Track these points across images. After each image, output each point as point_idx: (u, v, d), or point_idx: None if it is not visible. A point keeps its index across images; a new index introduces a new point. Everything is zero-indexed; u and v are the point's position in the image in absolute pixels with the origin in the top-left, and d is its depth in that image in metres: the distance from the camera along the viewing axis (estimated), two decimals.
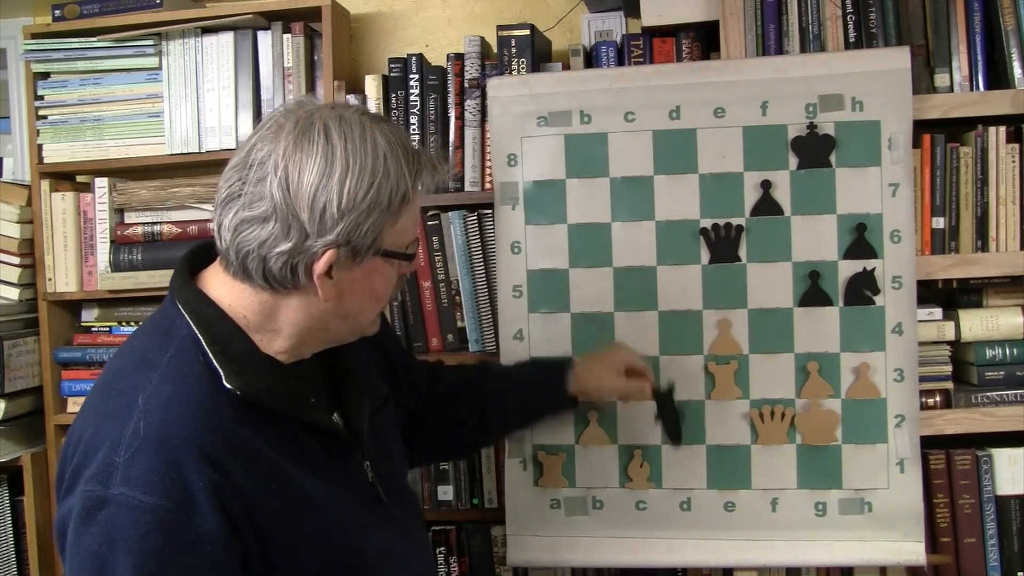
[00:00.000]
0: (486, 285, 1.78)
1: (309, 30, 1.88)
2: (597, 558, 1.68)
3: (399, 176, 0.96)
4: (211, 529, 0.90)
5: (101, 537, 0.88)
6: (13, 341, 1.88)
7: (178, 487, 0.89)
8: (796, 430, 1.61)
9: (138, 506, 0.88)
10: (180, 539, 0.89)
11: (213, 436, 0.92)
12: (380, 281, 1.01)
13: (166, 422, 0.91)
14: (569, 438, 1.67)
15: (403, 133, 1.01)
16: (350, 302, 1.00)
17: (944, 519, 1.63)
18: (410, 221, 1.01)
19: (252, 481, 0.94)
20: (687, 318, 1.63)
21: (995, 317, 1.63)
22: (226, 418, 0.94)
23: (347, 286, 0.98)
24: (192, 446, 0.91)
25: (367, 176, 0.94)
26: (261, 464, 0.96)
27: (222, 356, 0.96)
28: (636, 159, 1.63)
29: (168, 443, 0.90)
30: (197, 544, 0.89)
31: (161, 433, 0.90)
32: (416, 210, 1.02)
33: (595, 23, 1.89)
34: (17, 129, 2.13)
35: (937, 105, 1.61)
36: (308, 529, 0.99)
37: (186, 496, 0.89)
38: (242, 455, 0.94)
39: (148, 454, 0.89)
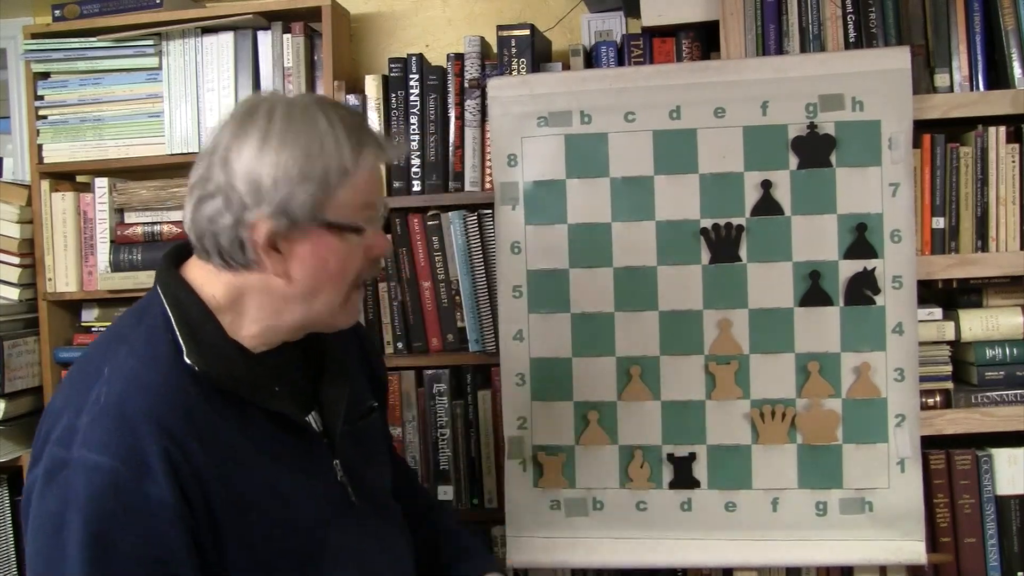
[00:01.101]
0: (486, 285, 1.78)
1: (309, 30, 1.88)
2: (597, 559, 1.68)
3: (337, 149, 0.99)
4: (161, 495, 0.92)
5: (59, 498, 0.92)
6: (13, 341, 1.88)
7: (133, 451, 0.92)
8: (797, 430, 1.61)
9: (93, 466, 0.91)
10: (130, 502, 0.92)
11: (171, 409, 0.96)
12: (332, 257, 1.01)
13: (126, 391, 0.95)
14: (569, 438, 1.67)
15: (357, 115, 1.05)
16: (302, 278, 1.01)
17: (944, 519, 1.63)
18: (355, 195, 1.01)
19: (208, 458, 0.96)
20: (687, 318, 1.63)
21: (995, 317, 1.63)
22: (188, 395, 0.97)
23: (297, 261, 1.00)
24: (149, 415, 0.94)
25: (300, 149, 0.97)
26: (220, 444, 0.98)
27: (188, 335, 1.00)
28: (636, 159, 1.63)
29: (126, 410, 0.94)
30: (147, 508, 0.92)
31: (120, 400, 0.95)
32: (366, 186, 1.02)
33: (595, 23, 1.89)
34: (17, 129, 2.13)
35: (937, 105, 1.61)
36: (263, 514, 1.00)
37: (139, 460, 0.92)
38: (200, 432, 0.96)
39: (107, 419, 0.94)
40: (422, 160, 1.82)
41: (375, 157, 1.03)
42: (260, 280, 1.02)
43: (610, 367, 1.65)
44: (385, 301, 1.83)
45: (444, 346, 1.83)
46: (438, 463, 1.84)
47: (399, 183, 1.82)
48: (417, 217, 1.80)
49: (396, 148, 1.10)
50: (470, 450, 1.84)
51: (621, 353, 1.65)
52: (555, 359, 1.67)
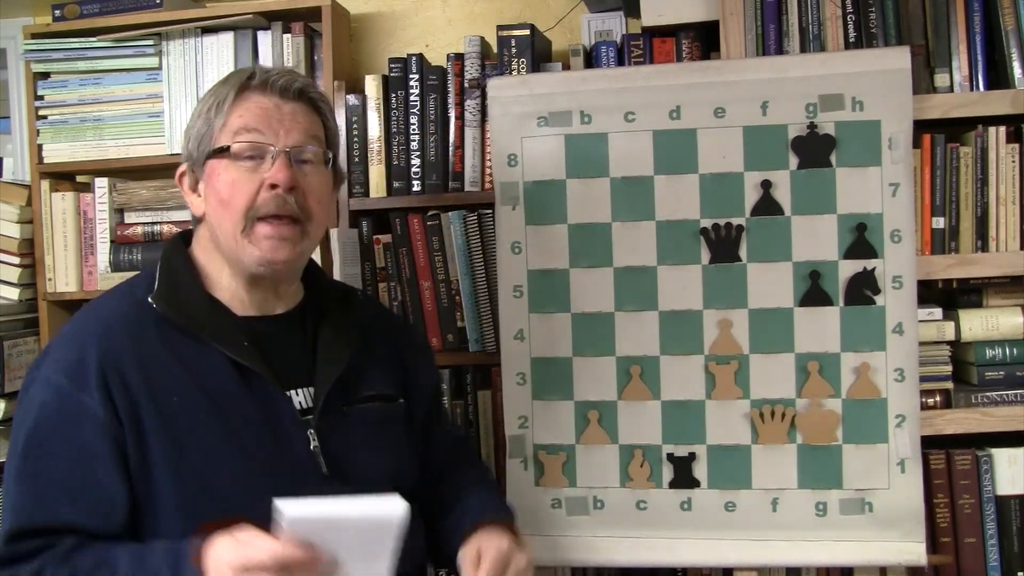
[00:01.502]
0: (486, 285, 1.78)
1: (309, 30, 1.88)
2: (597, 557, 1.68)
3: (218, 89, 1.15)
4: (92, 404, 1.06)
5: (24, 408, 1.10)
6: (13, 341, 1.88)
7: (77, 368, 1.07)
8: (796, 430, 1.61)
9: (46, 380, 1.09)
10: (67, 409, 1.07)
11: (118, 335, 1.10)
12: (220, 183, 1.12)
13: (86, 321, 1.14)
14: (570, 438, 1.67)
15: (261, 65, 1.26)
16: (210, 212, 1.14)
17: (944, 519, 1.63)
18: (232, 121, 1.13)
19: (146, 383, 1.08)
20: (687, 318, 1.63)
21: (995, 317, 1.63)
22: (144, 329, 1.11)
23: (205, 198, 1.15)
24: (97, 338, 1.09)
25: (200, 104, 1.17)
26: (166, 375, 1.09)
27: (165, 282, 1.14)
28: (636, 159, 1.63)
29: (81, 336, 1.11)
30: (80, 416, 1.06)
31: (79, 328, 1.13)
32: (238, 111, 1.13)
33: (595, 23, 1.89)
34: (17, 129, 2.13)
35: (937, 105, 1.61)
36: (196, 448, 1.08)
37: (80, 374, 1.07)
38: (144, 360, 1.09)
39: (66, 342, 1.11)
40: (422, 160, 1.82)
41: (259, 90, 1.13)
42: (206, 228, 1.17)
43: (610, 367, 1.65)
44: (385, 301, 1.83)
45: (444, 346, 1.82)
46: None
47: (399, 183, 1.82)
48: (417, 217, 1.80)
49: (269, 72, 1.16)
50: None
51: (621, 353, 1.65)
52: (555, 359, 1.67)
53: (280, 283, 1.20)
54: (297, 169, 1.13)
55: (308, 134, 1.15)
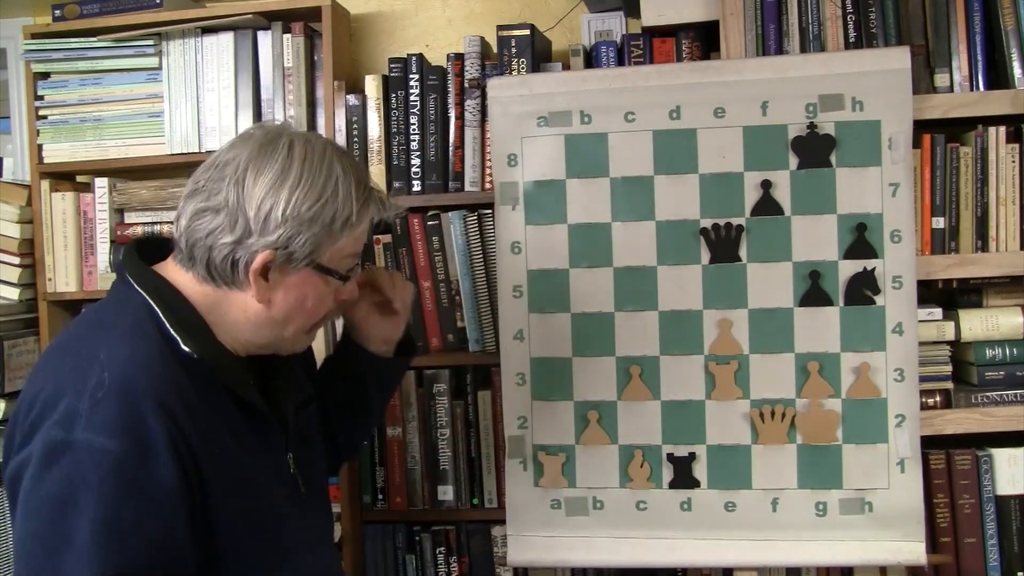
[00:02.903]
0: (486, 285, 1.78)
1: (309, 30, 1.88)
2: (597, 558, 1.68)
3: (347, 200, 1.04)
4: (167, 476, 0.94)
5: (62, 480, 0.92)
6: (13, 341, 1.88)
7: (138, 433, 0.93)
8: (796, 430, 1.61)
9: (100, 449, 0.92)
10: (138, 483, 0.93)
11: (170, 390, 0.97)
12: (312, 295, 1.07)
13: (127, 374, 0.96)
14: (569, 438, 1.67)
15: (363, 169, 1.10)
16: (280, 308, 1.06)
17: (944, 519, 1.63)
18: (351, 245, 1.08)
19: (200, 439, 0.98)
20: (687, 318, 1.63)
21: (995, 317, 1.63)
22: (180, 378, 0.99)
23: (280, 292, 1.05)
24: (151, 396, 0.95)
25: (316, 192, 1.02)
26: (206, 427, 1.00)
27: (178, 325, 1.02)
28: (636, 159, 1.63)
29: (130, 392, 0.95)
30: (153, 489, 0.94)
31: (124, 383, 0.95)
32: (359, 238, 1.09)
33: (595, 23, 1.89)
34: (17, 129, 2.13)
35: (937, 105, 1.61)
36: (241, 498, 1.03)
37: (145, 442, 0.94)
38: (192, 413, 0.99)
39: (111, 402, 0.94)
40: (422, 160, 1.82)
41: (376, 212, 1.09)
42: (239, 299, 1.05)
43: (610, 367, 1.65)
44: None
45: (444, 346, 1.82)
46: (438, 463, 1.84)
47: (399, 183, 1.82)
48: (417, 217, 1.80)
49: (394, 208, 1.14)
50: (470, 450, 1.84)
51: (621, 353, 1.65)
52: (555, 359, 1.67)
53: None
54: None
55: None
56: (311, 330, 1.12)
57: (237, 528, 1.03)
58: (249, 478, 1.05)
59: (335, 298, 1.10)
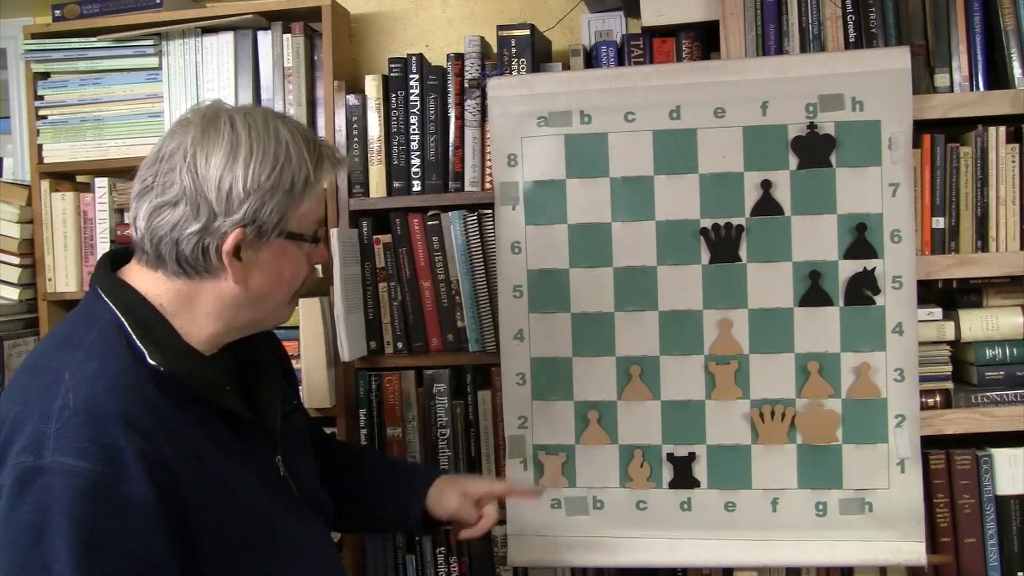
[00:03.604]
0: (486, 285, 1.78)
1: (309, 30, 1.88)
2: (597, 558, 1.68)
3: (300, 161, 1.02)
4: (141, 493, 0.92)
5: (35, 506, 0.90)
6: (13, 341, 1.88)
7: (109, 453, 0.92)
8: (796, 430, 1.62)
9: (71, 471, 0.90)
10: (112, 503, 0.91)
11: (138, 407, 0.96)
12: (287, 264, 1.06)
13: (93, 393, 0.94)
14: (569, 438, 1.68)
15: (306, 128, 1.08)
16: (259, 285, 1.04)
17: (944, 519, 1.63)
18: (314, 205, 1.06)
19: (175, 453, 0.97)
20: (687, 318, 1.63)
21: (995, 317, 1.63)
22: (149, 393, 0.97)
23: (255, 268, 1.03)
24: (119, 415, 0.94)
25: (270, 160, 1.00)
26: (182, 439, 0.98)
27: (144, 338, 1.00)
28: (636, 159, 1.63)
29: (97, 412, 0.93)
30: (128, 507, 0.92)
31: (89, 404, 0.93)
32: (320, 196, 1.07)
33: (595, 23, 1.89)
34: (17, 129, 2.13)
35: (937, 105, 1.61)
36: (224, 508, 1.01)
37: (116, 461, 0.92)
38: (165, 428, 0.97)
39: (78, 423, 0.92)
40: (422, 160, 1.82)
41: (332, 168, 1.08)
42: (213, 286, 1.03)
43: (610, 367, 1.65)
44: (385, 301, 1.83)
45: (444, 346, 1.82)
46: (438, 463, 1.84)
47: (399, 183, 1.82)
48: (417, 217, 1.80)
49: (345, 160, 1.15)
50: (470, 450, 1.84)
51: (621, 353, 1.65)
52: (555, 359, 1.67)
53: None
54: None
55: None
56: (292, 300, 1.11)
57: (225, 537, 1.01)
58: (235, 486, 1.04)
59: (309, 263, 1.10)
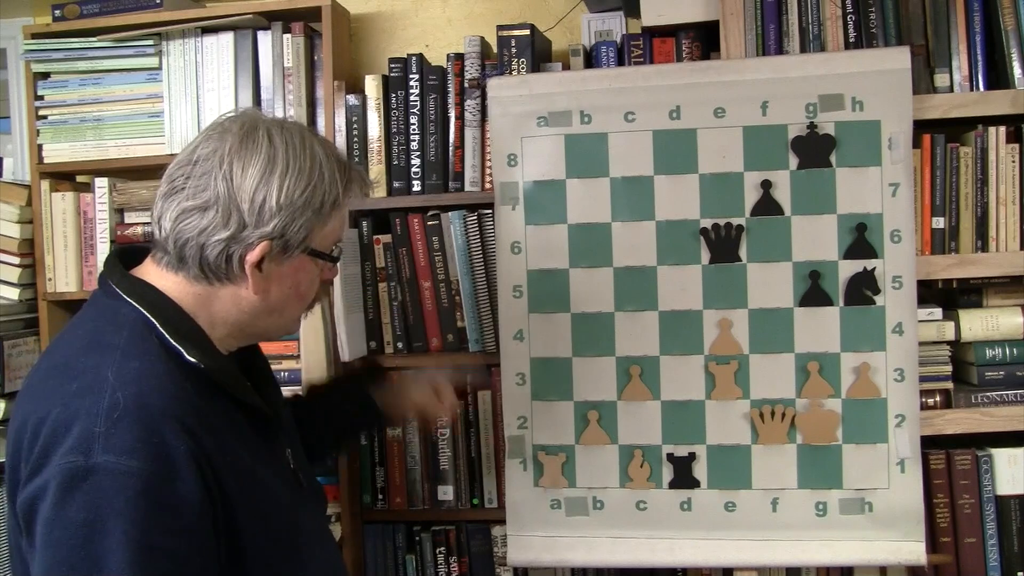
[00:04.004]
0: (486, 285, 1.78)
1: (309, 30, 1.88)
2: (597, 558, 1.68)
3: (332, 182, 1.04)
4: (191, 492, 0.93)
5: (87, 506, 0.90)
6: (13, 341, 1.88)
7: (160, 452, 0.92)
8: (796, 430, 1.61)
9: (124, 471, 0.90)
10: (165, 502, 0.92)
11: (184, 406, 0.96)
12: (305, 279, 1.07)
13: (142, 392, 0.94)
14: (569, 438, 1.67)
15: (337, 148, 1.10)
16: (276, 297, 1.06)
17: (944, 519, 1.63)
18: (338, 225, 1.08)
19: (217, 451, 0.98)
20: (687, 318, 1.63)
21: (995, 317, 1.63)
22: (190, 391, 0.99)
23: (275, 281, 1.05)
24: (169, 414, 0.94)
25: (304, 177, 1.02)
26: (218, 435, 1.00)
27: (176, 335, 1.01)
28: (636, 159, 1.63)
29: (147, 411, 0.93)
30: (179, 507, 0.93)
31: (139, 402, 0.94)
32: (344, 216, 1.10)
33: (595, 23, 1.89)
34: (17, 129, 2.13)
35: (937, 105, 1.61)
36: (256, 501, 1.03)
37: (168, 460, 0.93)
38: (207, 426, 0.98)
39: (129, 422, 0.92)
40: (422, 160, 1.82)
41: (359, 190, 1.09)
42: (231, 293, 1.04)
43: (610, 367, 1.65)
44: (385, 301, 1.83)
45: (444, 346, 1.82)
46: (438, 463, 1.84)
47: (399, 183, 1.82)
48: (417, 217, 1.80)
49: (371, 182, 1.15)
50: (470, 450, 1.84)
51: (621, 353, 1.65)
52: (555, 359, 1.67)
53: None
54: None
55: None
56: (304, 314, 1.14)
57: (257, 533, 1.02)
58: (261, 481, 1.05)
59: (322, 278, 1.11)
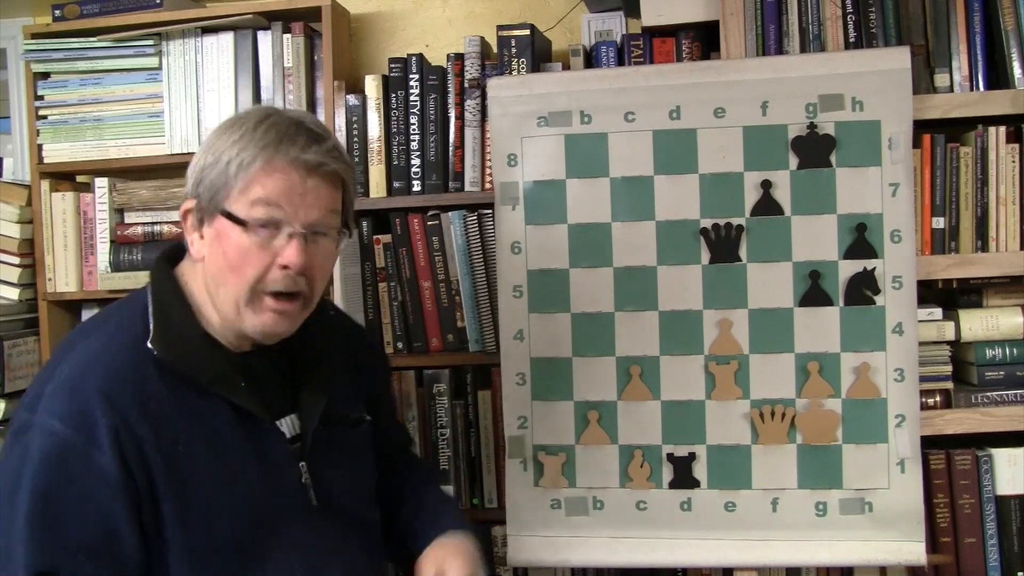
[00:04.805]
0: (486, 285, 1.78)
1: (309, 30, 1.88)
2: (597, 558, 1.68)
3: (247, 145, 1.06)
4: (106, 464, 1.00)
5: (18, 457, 1.02)
6: (13, 341, 1.88)
7: (85, 422, 1.01)
8: (796, 430, 1.61)
9: (50, 431, 1.01)
10: (78, 467, 1.00)
11: (122, 386, 1.04)
12: (230, 247, 1.07)
13: (86, 368, 1.05)
14: (569, 438, 1.67)
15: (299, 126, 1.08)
16: (212, 264, 1.09)
17: (944, 519, 1.63)
18: (252, 190, 1.05)
19: (154, 436, 1.03)
20: (687, 318, 1.63)
21: (995, 317, 1.63)
22: (146, 375, 1.05)
23: (207, 244, 1.09)
24: (101, 392, 1.02)
25: (221, 142, 1.08)
26: (170, 425, 1.05)
27: (160, 322, 1.08)
28: (636, 159, 1.63)
29: (82, 385, 1.03)
30: (92, 475, 1.00)
31: (78, 375, 1.04)
32: (260, 181, 1.05)
33: (595, 23, 1.89)
34: (17, 129, 2.13)
35: (937, 105, 1.61)
36: (206, 499, 1.06)
37: (90, 431, 1.01)
38: (150, 412, 1.04)
39: (65, 391, 1.03)
40: (422, 160, 1.82)
41: (286, 161, 1.05)
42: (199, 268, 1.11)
43: (610, 367, 1.65)
44: (385, 301, 1.83)
45: (444, 346, 1.82)
46: (438, 463, 1.84)
47: (399, 183, 1.82)
48: (417, 217, 1.80)
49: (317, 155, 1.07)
50: (470, 450, 1.84)
51: (621, 353, 1.65)
52: (555, 359, 1.67)
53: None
54: (311, 244, 1.08)
55: (327, 209, 1.10)
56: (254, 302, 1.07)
57: (193, 526, 1.04)
58: (221, 478, 1.06)
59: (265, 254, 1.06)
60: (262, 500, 1.09)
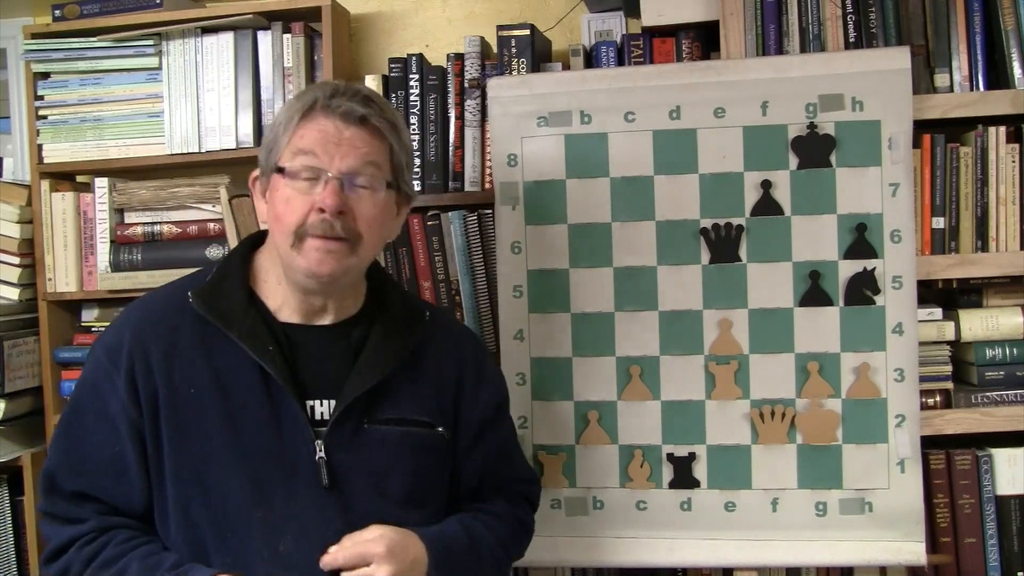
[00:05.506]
0: (486, 285, 1.78)
1: (309, 30, 1.88)
2: (597, 558, 1.68)
3: (291, 106, 1.18)
4: (120, 387, 1.16)
5: (80, 379, 1.23)
6: (13, 341, 1.88)
7: (114, 350, 1.18)
8: (796, 430, 1.62)
9: (94, 355, 1.20)
10: (103, 387, 1.17)
11: (153, 325, 1.18)
12: (278, 199, 1.16)
13: (134, 307, 1.23)
14: (569, 438, 1.68)
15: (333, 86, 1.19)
16: (269, 220, 1.19)
17: (944, 519, 1.63)
18: (293, 142, 1.15)
19: (167, 370, 1.16)
20: (687, 318, 1.63)
21: (995, 317, 1.63)
22: (182, 322, 1.18)
23: (268, 205, 1.19)
24: (133, 325, 1.19)
25: (279, 116, 1.20)
26: (189, 367, 1.16)
27: (214, 278, 1.21)
28: (636, 159, 1.63)
29: (125, 321, 1.21)
30: (111, 395, 1.16)
31: (127, 312, 1.23)
32: (300, 132, 1.15)
33: (595, 23, 1.89)
34: (17, 129, 2.13)
35: (937, 105, 1.61)
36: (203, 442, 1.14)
37: (115, 356, 1.17)
38: (173, 349, 1.17)
39: (115, 324, 1.23)
40: (422, 160, 1.82)
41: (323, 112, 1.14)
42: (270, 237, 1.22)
43: (610, 367, 1.65)
44: None
45: None
46: None
47: None
48: (417, 217, 1.80)
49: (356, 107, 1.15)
50: None
51: (621, 353, 1.65)
52: (555, 359, 1.67)
53: (329, 296, 1.21)
54: (351, 193, 1.14)
55: (365, 160, 1.15)
56: (298, 244, 1.14)
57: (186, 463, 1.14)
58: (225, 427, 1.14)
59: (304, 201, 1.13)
60: (263, 460, 1.14)
